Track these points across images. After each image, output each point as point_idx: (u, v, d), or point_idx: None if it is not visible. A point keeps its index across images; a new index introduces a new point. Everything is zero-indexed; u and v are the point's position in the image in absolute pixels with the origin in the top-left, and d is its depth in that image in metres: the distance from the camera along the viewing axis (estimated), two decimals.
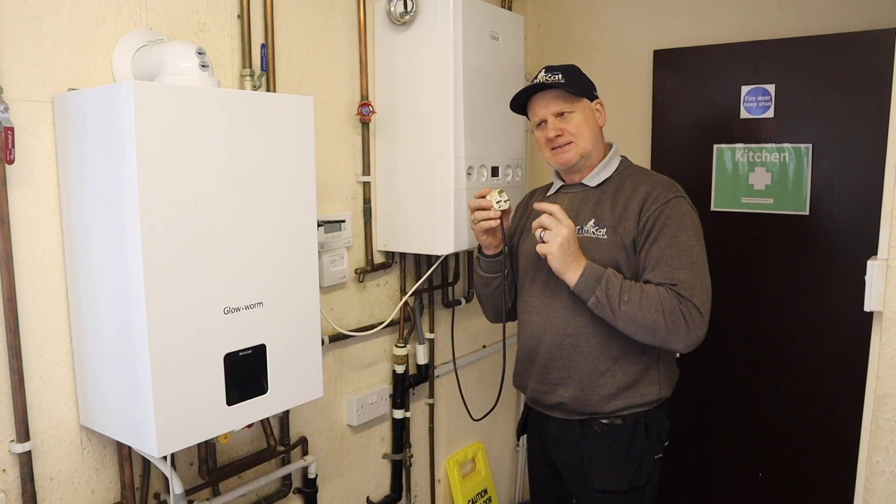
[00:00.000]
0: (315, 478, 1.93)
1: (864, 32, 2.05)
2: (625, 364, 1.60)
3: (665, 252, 1.52)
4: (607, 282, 1.51)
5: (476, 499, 2.55)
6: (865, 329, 1.27)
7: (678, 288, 1.49)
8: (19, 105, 1.28)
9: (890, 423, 1.24)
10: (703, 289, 1.52)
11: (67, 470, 1.41)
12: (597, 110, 1.68)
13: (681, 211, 1.56)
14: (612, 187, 1.65)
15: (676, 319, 1.47)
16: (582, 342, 1.61)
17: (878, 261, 1.21)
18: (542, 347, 1.67)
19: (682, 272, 1.50)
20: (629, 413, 1.61)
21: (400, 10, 1.89)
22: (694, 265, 1.52)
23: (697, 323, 1.49)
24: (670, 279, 1.50)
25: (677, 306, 1.48)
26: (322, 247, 1.86)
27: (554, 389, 1.66)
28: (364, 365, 2.11)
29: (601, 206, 1.63)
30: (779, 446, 2.32)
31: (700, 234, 1.57)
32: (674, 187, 1.61)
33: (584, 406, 1.62)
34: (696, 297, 1.49)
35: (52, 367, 1.38)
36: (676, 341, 1.50)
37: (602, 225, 1.60)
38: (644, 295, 1.49)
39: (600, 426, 1.62)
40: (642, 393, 1.62)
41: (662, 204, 1.56)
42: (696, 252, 1.54)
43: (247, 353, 1.39)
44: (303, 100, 1.47)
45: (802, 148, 2.18)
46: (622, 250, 1.57)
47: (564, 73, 1.64)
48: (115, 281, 1.26)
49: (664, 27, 2.40)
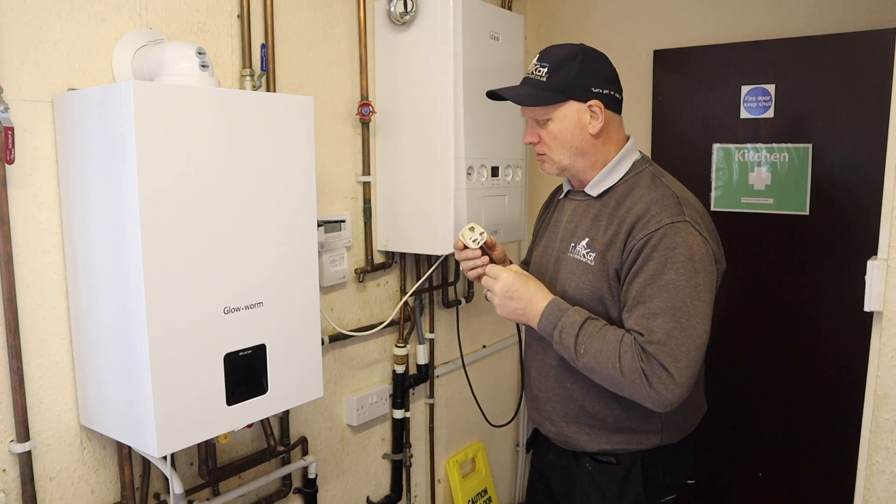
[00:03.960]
0: (315, 478, 1.93)
1: (864, 32, 2.05)
2: (614, 406, 1.40)
3: (643, 292, 1.27)
4: (561, 331, 1.32)
5: (476, 499, 2.55)
6: (865, 329, 1.28)
7: (644, 340, 1.25)
8: (19, 105, 1.28)
9: (890, 423, 1.24)
10: (682, 341, 1.24)
11: (67, 470, 1.41)
12: (591, 112, 1.39)
13: (674, 241, 1.28)
14: (615, 200, 1.40)
15: (635, 379, 1.25)
16: (566, 376, 1.44)
17: (878, 261, 1.21)
18: (532, 375, 1.55)
19: (656, 320, 1.25)
20: (623, 453, 1.43)
21: (400, 10, 1.89)
22: (675, 311, 1.24)
23: (664, 384, 1.23)
24: (640, 327, 1.26)
25: (637, 364, 1.24)
26: (322, 247, 1.86)
27: (542, 423, 1.54)
28: (364, 365, 2.11)
29: (598, 224, 1.41)
30: (779, 446, 2.32)
31: (698, 269, 1.28)
32: (675, 208, 1.32)
33: (568, 443, 1.48)
34: (666, 353, 1.23)
35: (52, 367, 1.37)
36: (642, 401, 1.28)
37: (593, 248, 1.38)
38: (602, 346, 1.28)
39: (591, 464, 1.46)
40: (638, 440, 1.42)
41: (652, 231, 1.29)
42: (684, 295, 1.25)
43: (247, 353, 1.39)
44: (303, 100, 1.47)
45: (802, 148, 2.18)
46: (605, 281, 1.35)
47: (554, 65, 1.38)
48: (115, 280, 1.26)
49: (664, 27, 2.40)
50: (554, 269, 1.48)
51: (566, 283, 1.43)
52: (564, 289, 1.43)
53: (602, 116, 1.40)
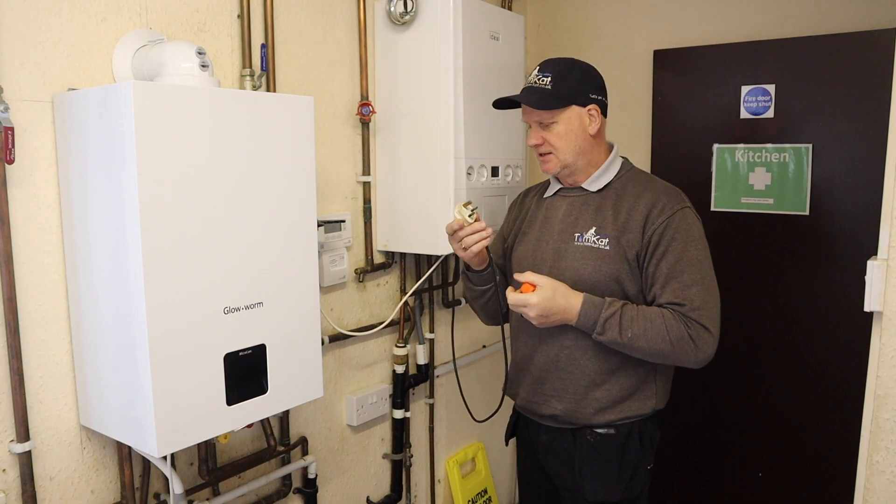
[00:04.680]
0: (315, 478, 1.93)
1: (864, 32, 2.05)
2: (622, 377, 1.56)
3: (675, 268, 1.48)
4: (604, 324, 1.47)
5: (476, 499, 2.55)
6: (865, 329, 1.28)
7: (686, 309, 1.46)
8: (19, 105, 1.28)
9: (890, 423, 1.24)
10: (713, 305, 1.49)
11: (67, 470, 1.41)
12: (590, 115, 1.56)
13: (688, 223, 1.51)
14: (614, 193, 1.58)
15: (685, 344, 1.45)
16: (579, 354, 1.56)
17: (878, 261, 1.21)
18: (538, 358, 1.62)
19: (691, 290, 1.47)
20: (623, 423, 1.57)
21: (400, 10, 1.89)
22: (703, 280, 1.48)
23: (707, 342, 1.46)
24: (680, 298, 1.47)
25: (685, 331, 1.45)
26: (322, 247, 1.86)
27: (547, 401, 1.62)
28: (364, 365, 2.11)
29: (602, 214, 1.56)
30: (779, 446, 2.32)
31: (706, 245, 1.53)
32: (678, 196, 1.56)
33: (577, 417, 1.59)
34: (706, 316, 1.46)
35: (52, 367, 1.38)
36: (686, 362, 1.49)
37: (604, 234, 1.54)
38: (649, 326, 1.46)
39: (593, 436, 1.58)
40: (638, 406, 1.58)
41: (669, 216, 1.50)
42: (706, 267, 1.50)
43: (247, 353, 1.39)
44: (303, 100, 1.47)
45: (802, 148, 2.18)
46: (625, 263, 1.52)
47: (556, 75, 1.55)
48: (115, 280, 1.26)
49: (664, 27, 2.40)
50: (554, 259, 1.59)
51: (580, 268, 1.55)
52: (579, 273, 1.55)
53: (599, 119, 1.59)
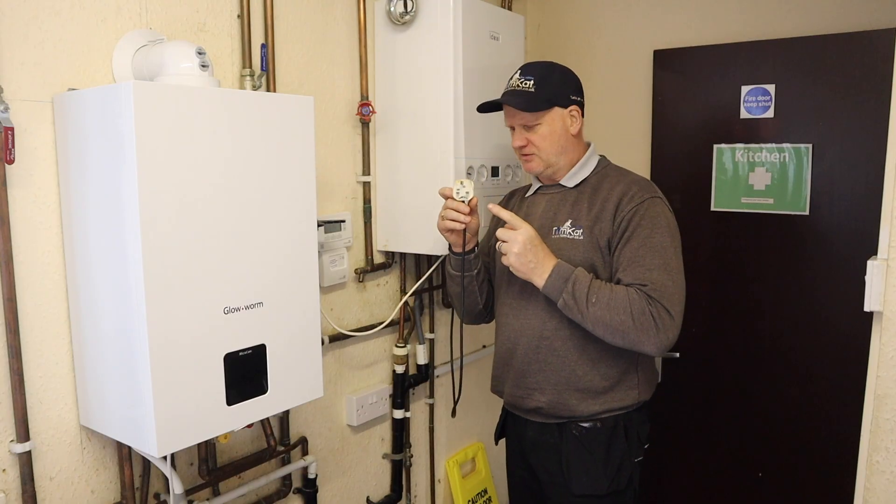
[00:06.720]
0: (315, 478, 1.93)
1: (864, 32, 2.05)
2: (602, 367, 1.58)
3: (638, 252, 1.50)
4: (574, 282, 1.49)
5: (476, 499, 2.55)
6: (865, 329, 1.27)
7: (648, 289, 1.47)
8: (19, 105, 1.28)
9: (890, 423, 1.24)
10: (675, 291, 1.49)
11: (67, 470, 1.41)
12: (571, 116, 1.62)
13: (655, 211, 1.54)
14: (590, 187, 1.63)
15: (645, 321, 1.45)
16: (558, 345, 1.59)
17: (878, 261, 1.21)
18: (519, 350, 1.65)
19: (653, 273, 1.48)
20: (608, 416, 1.59)
21: (400, 10, 1.89)
22: (667, 266, 1.50)
23: (668, 325, 1.46)
24: (641, 279, 1.48)
25: (647, 307, 1.46)
26: (322, 247, 1.86)
27: (530, 394, 1.64)
28: (364, 365, 2.11)
29: (578, 207, 1.61)
30: (779, 446, 2.32)
31: (675, 235, 1.55)
32: (650, 188, 1.59)
33: (562, 410, 1.61)
34: (667, 298, 1.47)
35: (52, 367, 1.38)
36: (646, 343, 1.47)
37: (578, 226, 1.58)
38: (613, 296, 1.47)
39: (579, 429, 1.61)
40: (621, 397, 1.60)
41: (637, 204, 1.54)
42: (670, 254, 1.51)
43: (247, 353, 1.39)
44: (303, 100, 1.47)
45: (802, 148, 2.18)
46: (597, 251, 1.55)
47: (539, 77, 1.60)
48: (115, 281, 1.26)
49: (664, 27, 2.40)
50: None
51: None
52: None
53: (580, 119, 1.65)
